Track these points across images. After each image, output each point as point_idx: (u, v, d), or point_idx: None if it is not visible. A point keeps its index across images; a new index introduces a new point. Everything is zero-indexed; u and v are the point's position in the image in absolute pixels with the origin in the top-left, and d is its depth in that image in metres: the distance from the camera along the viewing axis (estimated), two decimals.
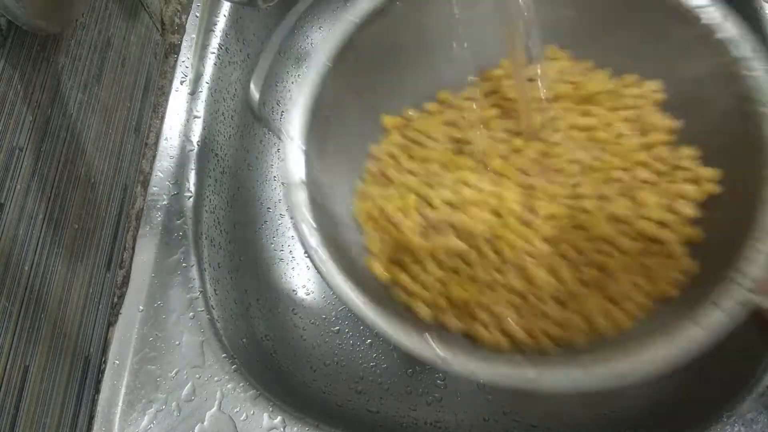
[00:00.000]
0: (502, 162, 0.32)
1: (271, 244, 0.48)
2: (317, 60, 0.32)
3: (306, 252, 0.28)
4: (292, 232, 0.48)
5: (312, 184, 0.30)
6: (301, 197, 0.29)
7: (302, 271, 0.47)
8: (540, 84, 0.32)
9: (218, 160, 0.43)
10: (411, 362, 0.44)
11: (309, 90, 0.32)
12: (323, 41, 0.33)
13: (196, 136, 0.41)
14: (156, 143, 0.41)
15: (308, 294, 0.46)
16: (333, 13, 0.54)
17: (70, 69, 0.32)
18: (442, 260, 0.31)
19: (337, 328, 0.45)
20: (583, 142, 0.32)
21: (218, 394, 0.33)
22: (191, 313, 0.35)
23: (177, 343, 0.34)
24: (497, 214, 0.31)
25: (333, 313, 0.45)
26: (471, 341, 0.30)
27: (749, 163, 0.27)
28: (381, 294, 0.31)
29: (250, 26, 0.48)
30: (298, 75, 0.54)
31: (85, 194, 0.34)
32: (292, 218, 0.30)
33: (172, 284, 0.36)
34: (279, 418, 0.32)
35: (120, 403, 0.33)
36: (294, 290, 0.46)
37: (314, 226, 0.29)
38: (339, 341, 0.44)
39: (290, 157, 0.30)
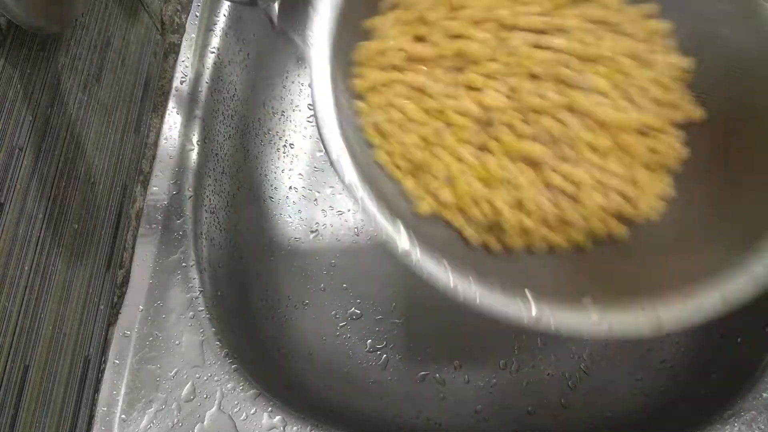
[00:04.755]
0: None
1: (272, 244, 0.48)
2: None
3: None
4: (292, 232, 0.48)
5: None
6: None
7: (303, 271, 0.47)
8: None
9: (218, 160, 0.43)
10: (412, 363, 0.44)
11: None
12: None
13: (196, 136, 0.41)
14: (156, 143, 0.41)
15: (309, 294, 0.46)
16: None
17: (69, 69, 0.32)
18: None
19: (339, 327, 0.45)
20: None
21: (218, 394, 0.33)
22: (191, 313, 0.35)
23: (177, 342, 0.34)
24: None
25: (334, 313, 0.45)
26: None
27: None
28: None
29: (250, 26, 0.48)
30: (298, 74, 0.54)
31: (84, 194, 0.34)
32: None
33: (172, 284, 0.36)
34: (279, 417, 0.32)
35: (120, 403, 0.33)
36: (294, 290, 0.46)
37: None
38: (340, 341, 0.44)
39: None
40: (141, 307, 0.36)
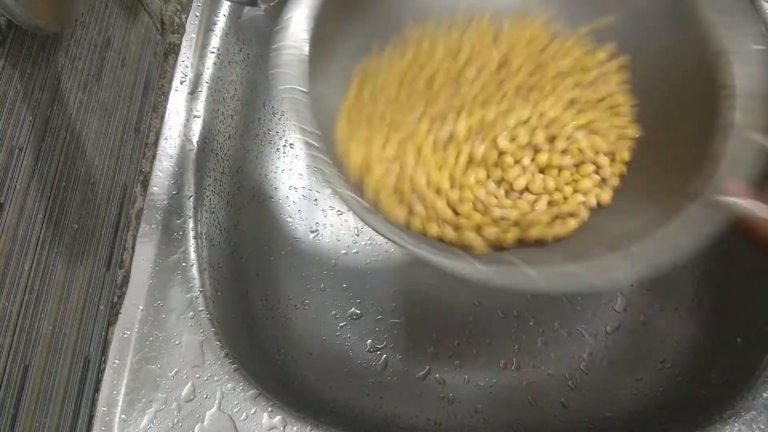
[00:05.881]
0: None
1: (272, 244, 0.48)
2: None
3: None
4: (292, 232, 0.48)
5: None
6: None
7: (303, 271, 0.47)
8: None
9: (218, 160, 0.43)
10: (412, 363, 0.44)
11: None
12: None
13: (196, 136, 0.41)
14: (156, 143, 0.41)
15: (309, 294, 0.46)
16: None
17: (69, 68, 0.32)
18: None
19: (339, 327, 0.45)
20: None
21: (218, 394, 0.33)
22: (191, 313, 0.35)
23: (177, 342, 0.34)
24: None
25: (334, 313, 0.45)
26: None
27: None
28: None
29: (250, 26, 0.48)
30: None
31: (84, 194, 0.34)
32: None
33: (172, 284, 0.36)
34: (279, 417, 0.32)
35: (120, 403, 0.33)
36: (295, 290, 0.46)
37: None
38: (339, 341, 0.44)
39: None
40: (141, 307, 0.36)
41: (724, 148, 0.26)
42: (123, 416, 0.33)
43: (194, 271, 0.37)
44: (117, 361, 0.34)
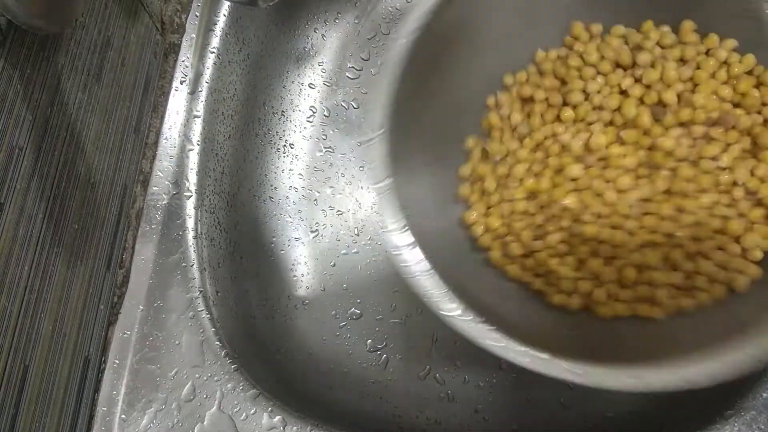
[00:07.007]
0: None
1: (272, 244, 0.48)
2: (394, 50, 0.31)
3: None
4: (292, 232, 0.48)
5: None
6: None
7: (303, 271, 0.47)
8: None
9: (218, 160, 0.43)
10: (412, 363, 0.43)
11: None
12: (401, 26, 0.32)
13: (196, 136, 0.41)
14: (156, 143, 0.41)
15: (309, 294, 0.46)
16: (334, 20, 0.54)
17: (69, 69, 0.32)
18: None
19: (339, 327, 0.45)
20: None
21: (218, 394, 0.33)
22: (191, 313, 0.35)
23: (177, 342, 0.34)
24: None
25: (334, 313, 0.45)
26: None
27: None
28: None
29: (250, 26, 0.48)
30: (298, 74, 0.54)
31: (85, 194, 0.34)
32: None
33: (171, 284, 0.36)
34: (279, 417, 0.32)
35: (120, 403, 0.33)
36: (295, 290, 0.46)
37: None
38: (340, 342, 0.44)
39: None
40: (141, 307, 0.36)
41: None
42: (123, 416, 0.33)
43: (194, 271, 0.37)
44: (117, 361, 0.34)
